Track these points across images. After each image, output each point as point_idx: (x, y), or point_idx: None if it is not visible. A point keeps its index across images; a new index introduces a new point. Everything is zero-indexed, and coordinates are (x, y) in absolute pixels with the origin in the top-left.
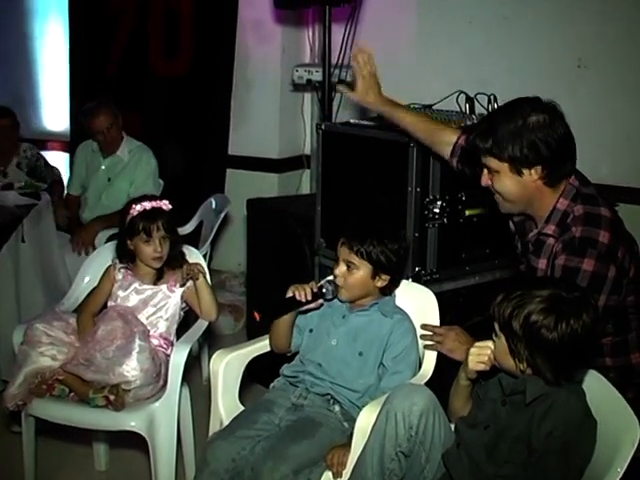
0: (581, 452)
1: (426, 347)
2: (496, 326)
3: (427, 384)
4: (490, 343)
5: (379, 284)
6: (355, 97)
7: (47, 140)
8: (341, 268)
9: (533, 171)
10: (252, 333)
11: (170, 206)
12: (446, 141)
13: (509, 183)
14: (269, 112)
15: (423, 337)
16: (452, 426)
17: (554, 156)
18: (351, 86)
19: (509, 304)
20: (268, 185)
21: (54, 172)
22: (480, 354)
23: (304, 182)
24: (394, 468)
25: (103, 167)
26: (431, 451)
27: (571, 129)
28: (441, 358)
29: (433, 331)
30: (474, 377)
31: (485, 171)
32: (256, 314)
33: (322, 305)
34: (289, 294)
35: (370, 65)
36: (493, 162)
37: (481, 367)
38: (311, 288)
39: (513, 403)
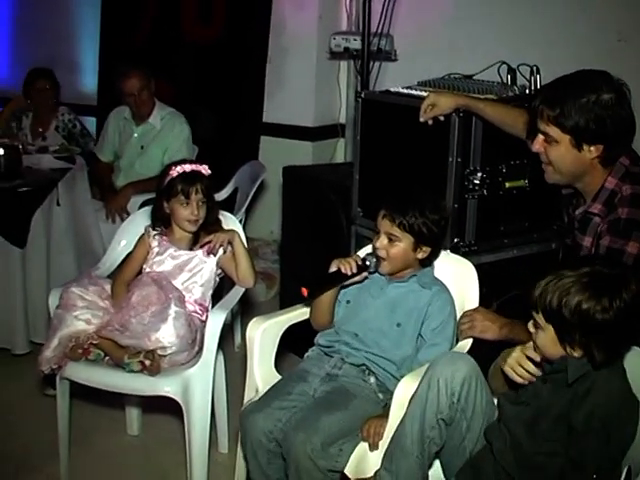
0: (622, 432)
1: (460, 335)
2: (540, 319)
3: None
4: (519, 355)
5: (420, 256)
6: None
7: (89, 105)
8: (382, 241)
9: (593, 148)
10: (285, 301)
11: (209, 171)
12: (523, 122)
13: (566, 155)
14: (305, 80)
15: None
16: (495, 400)
17: (618, 136)
18: None
19: (553, 294)
20: (302, 153)
21: (87, 143)
22: (518, 373)
23: (338, 151)
24: (434, 436)
25: (135, 135)
26: (472, 420)
27: None
28: None
29: (461, 318)
30: None
31: (540, 137)
32: (304, 289)
33: (366, 278)
34: (333, 268)
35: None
36: (554, 131)
37: (522, 381)
38: (355, 261)
39: (554, 381)
